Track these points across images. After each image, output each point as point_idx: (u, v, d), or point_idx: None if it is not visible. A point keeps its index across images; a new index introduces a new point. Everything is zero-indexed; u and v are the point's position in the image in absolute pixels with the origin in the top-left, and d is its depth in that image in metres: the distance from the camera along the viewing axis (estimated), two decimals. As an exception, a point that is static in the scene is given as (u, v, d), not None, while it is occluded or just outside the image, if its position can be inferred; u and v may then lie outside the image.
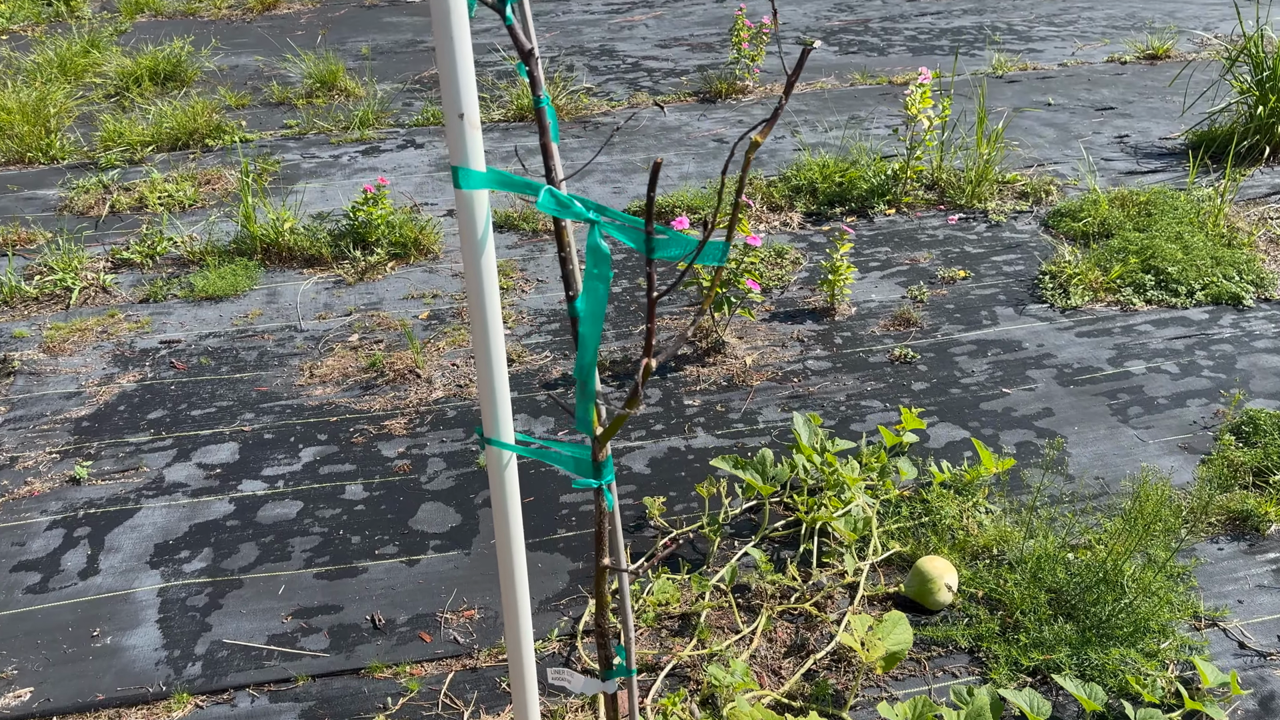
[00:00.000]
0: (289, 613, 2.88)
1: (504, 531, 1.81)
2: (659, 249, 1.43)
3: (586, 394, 1.55)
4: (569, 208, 1.41)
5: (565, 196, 1.41)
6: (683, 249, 1.45)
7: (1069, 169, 5.88)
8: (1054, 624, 2.68)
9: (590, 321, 1.48)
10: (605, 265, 1.43)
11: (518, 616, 1.83)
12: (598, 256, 1.42)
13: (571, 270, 1.50)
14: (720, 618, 2.80)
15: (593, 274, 1.44)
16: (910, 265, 4.83)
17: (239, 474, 3.48)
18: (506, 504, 1.79)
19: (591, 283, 1.45)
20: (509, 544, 1.82)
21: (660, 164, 1.31)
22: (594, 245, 1.42)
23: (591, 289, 1.46)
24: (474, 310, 1.63)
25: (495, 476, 1.77)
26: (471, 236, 1.58)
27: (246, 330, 4.43)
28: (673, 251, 1.44)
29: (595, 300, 1.46)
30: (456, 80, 1.46)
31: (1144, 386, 3.81)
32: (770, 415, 3.71)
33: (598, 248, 1.42)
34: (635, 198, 5.64)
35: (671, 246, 1.44)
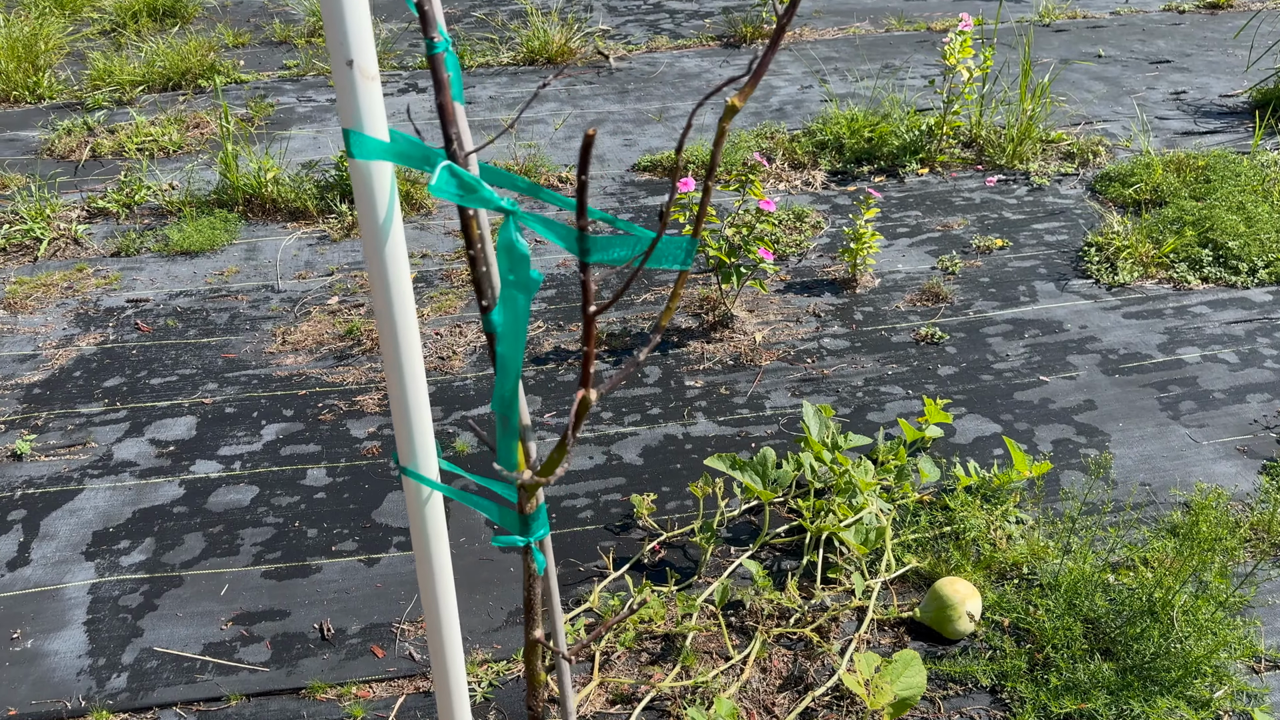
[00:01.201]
0: (230, 617, 2.59)
1: (428, 580, 1.48)
2: (596, 250, 1.07)
3: (509, 430, 1.20)
4: (474, 192, 1.05)
5: (471, 177, 1.05)
6: (629, 250, 1.10)
7: (1119, 128, 5.41)
8: (1089, 662, 2.33)
9: (510, 340, 1.13)
10: (524, 268, 1.08)
11: (449, 688, 1.50)
12: (514, 258, 1.07)
13: (484, 272, 1.14)
14: (709, 640, 2.47)
15: (509, 281, 1.09)
16: (942, 232, 4.42)
17: (193, 452, 3.18)
18: (429, 546, 1.47)
19: (509, 291, 1.10)
20: (434, 595, 1.49)
21: (593, 136, 0.95)
22: (507, 243, 1.06)
23: (509, 299, 1.11)
24: (381, 313, 1.29)
25: (415, 513, 1.45)
26: (370, 219, 1.23)
27: (220, 289, 4.12)
28: (615, 254, 1.09)
29: (515, 314, 1.11)
30: (343, 17, 1.11)
31: (1198, 378, 3.41)
32: (779, 400, 3.35)
33: (512, 247, 1.06)
34: (646, 151, 5.24)
35: (614, 247, 1.08)
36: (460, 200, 1.05)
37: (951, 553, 2.65)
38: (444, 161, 1.03)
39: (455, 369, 3.55)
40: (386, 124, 1.21)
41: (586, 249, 1.04)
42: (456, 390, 3.44)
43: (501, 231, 1.07)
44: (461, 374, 3.52)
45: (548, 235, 1.07)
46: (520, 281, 1.08)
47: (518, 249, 1.06)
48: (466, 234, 1.11)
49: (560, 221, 1.07)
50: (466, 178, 1.04)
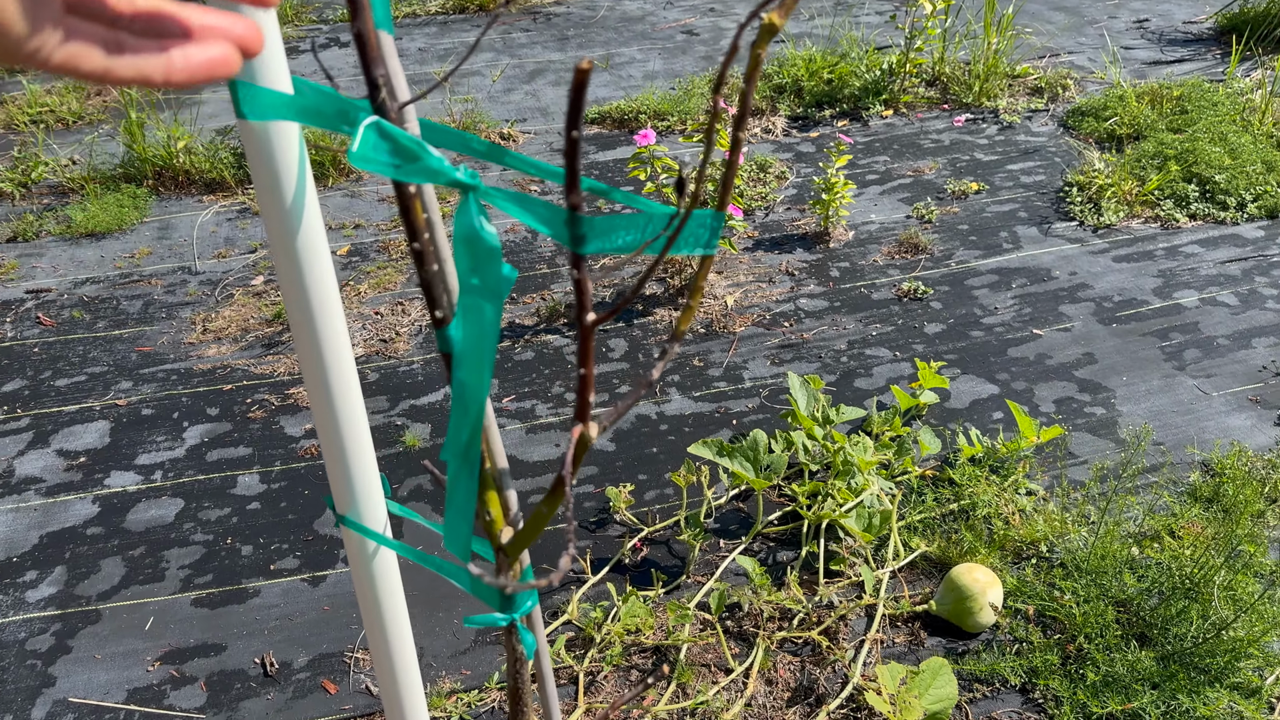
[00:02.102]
0: (157, 656, 2.26)
1: (383, 653, 1.18)
2: (595, 235, 0.76)
3: (470, 483, 0.90)
4: (416, 160, 0.73)
5: (410, 139, 0.73)
6: (638, 232, 0.79)
7: (1086, 59, 5.17)
8: (1126, 650, 2.11)
9: (474, 362, 0.83)
10: (492, 266, 0.77)
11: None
12: (478, 253, 0.76)
13: (435, 271, 0.83)
14: (705, 650, 2.21)
15: (471, 286, 0.78)
16: (914, 177, 4.15)
17: (108, 463, 2.82)
18: (380, 611, 1.17)
19: (473, 300, 0.79)
20: (391, 670, 1.19)
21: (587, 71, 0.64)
22: (468, 233, 0.75)
23: (473, 309, 0.79)
24: (296, 322, 0.98)
25: (359, 569, 1.15)
26: (274, 202, 0.92)
27: (131, 274, 3.71)
28: (620, 239, 0.78)
29: (480, 328, 0.80)
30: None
31: (1199, 323, 3.20)
32: (758, 370, 3.07)
33: (475, 237, 0.75)
34: (594, 101, 4.88)
35: (618, 229, 0.78)
36: (395, 173, 0.73)
37: (962, 534, 2.40)
38: (369, 117, 0.71)
39: (399, 352, 3.22)
40: (289, 72, 0.89)
41: (581, 235, 0.73)
42: (403, 376, 3.11)
43: (459, 216, 0.75)
44: (407, 357, 3.19)
45: (525, 218, 0.76)
46: (488, 286, 0.77)
47: (484, 240, 0.75)
48: (407, 220, 0.79)
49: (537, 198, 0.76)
50: (404, 139, 0.72)
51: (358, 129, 0.72)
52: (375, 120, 0.73)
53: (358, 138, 0.72)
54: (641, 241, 0.80)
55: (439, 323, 0.85)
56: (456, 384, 0.85)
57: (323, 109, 0.82)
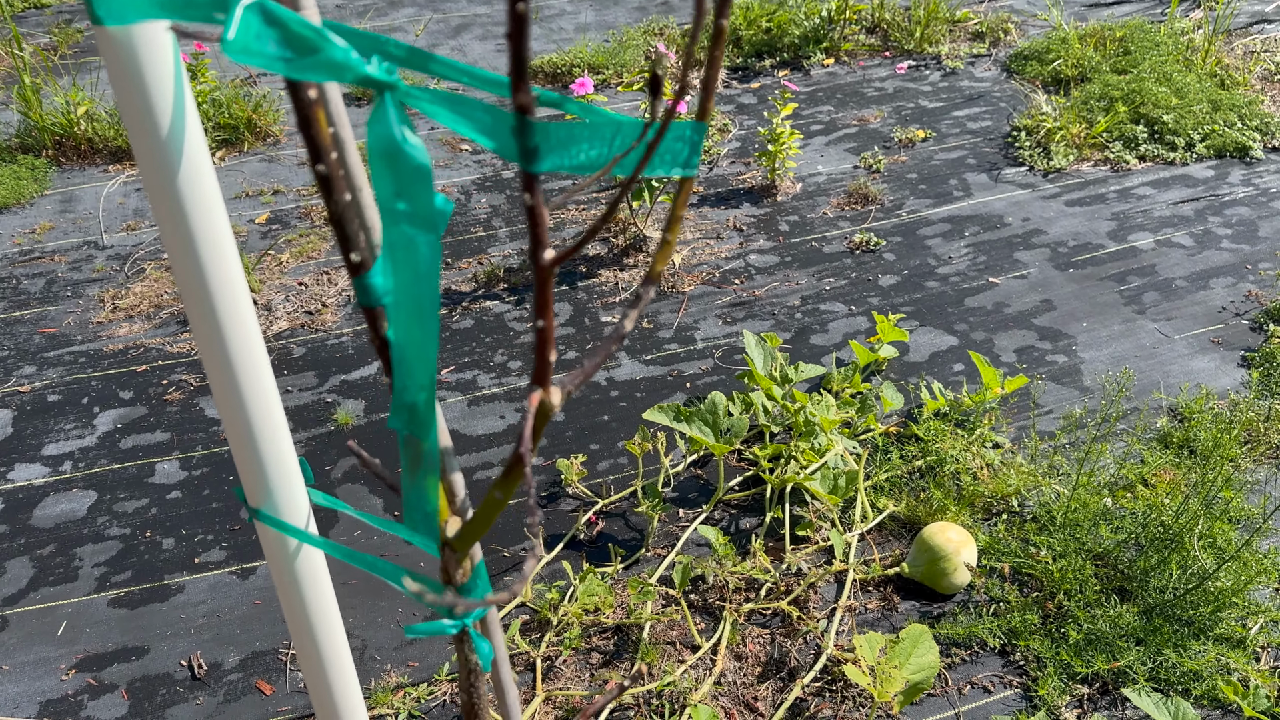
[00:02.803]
0: (72, 664, 2.06)
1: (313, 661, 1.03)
2: (551, 148, 0.60)
3: (422, 459, 0.74)
4: (315, 51, 0.57)
5: (304, 23, 0.56)
6: (604, 145, 0.63)
7: (1024, 3, 5.08)
8: (1107, 606, 2.02)
9: (409, 312, 0.66)
10: (422, 189, 0.61)
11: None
12: (402, 172, 0.60)
13: (348, 201, 0.66)
14: (670, 627, 2.07)
15: (397, 212, 0.61)
16: (859, 126, 4.03)
17: (11, 455, 2.59)
18: (306, 613, 1.01)
19: (401, 231, 0.63)
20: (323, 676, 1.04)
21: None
22: (386, 145, 0.59)
23: (401, 244, 0.63)
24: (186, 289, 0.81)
25: (280, 572, 0.99)
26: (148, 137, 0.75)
27: (32, 251, 3.44)
28: (582, 153, 0.62)
29: (412, 267, 0.64)
30: None
31: (1156, 265, 3.13)
32: (710, 330, 2.93)
33: (397, 150, 0.59)
34: (524, 57, 4.66)
35: (579, 141, 0.62)
36: (287, 68, 0.56)
37: (931, 492, 2.30)
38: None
39: (327, 324, 3.01)
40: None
41: (534, 148, 0.57)
42: (331, 350, 2.91)
43: (373, 125, 0.59)
44: (335, 329, 2.99)
45: (460, 126, 0.59)
46: (418, 212, 0.61)
47: (408, 155, 0.59)
48: (308, 136, 0.62)
49: (474, 99, 0.60)
50: (297, 25, 0.55)
51: (233, 10, 0.55)
52: (257, 1, 0.56)
53: (234, 22, 0.55)
54: (609, 158, 0.65)
55: (356, 269, 0.68)
56: (394, 344, 0.69)
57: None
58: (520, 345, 2.88)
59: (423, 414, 0.72)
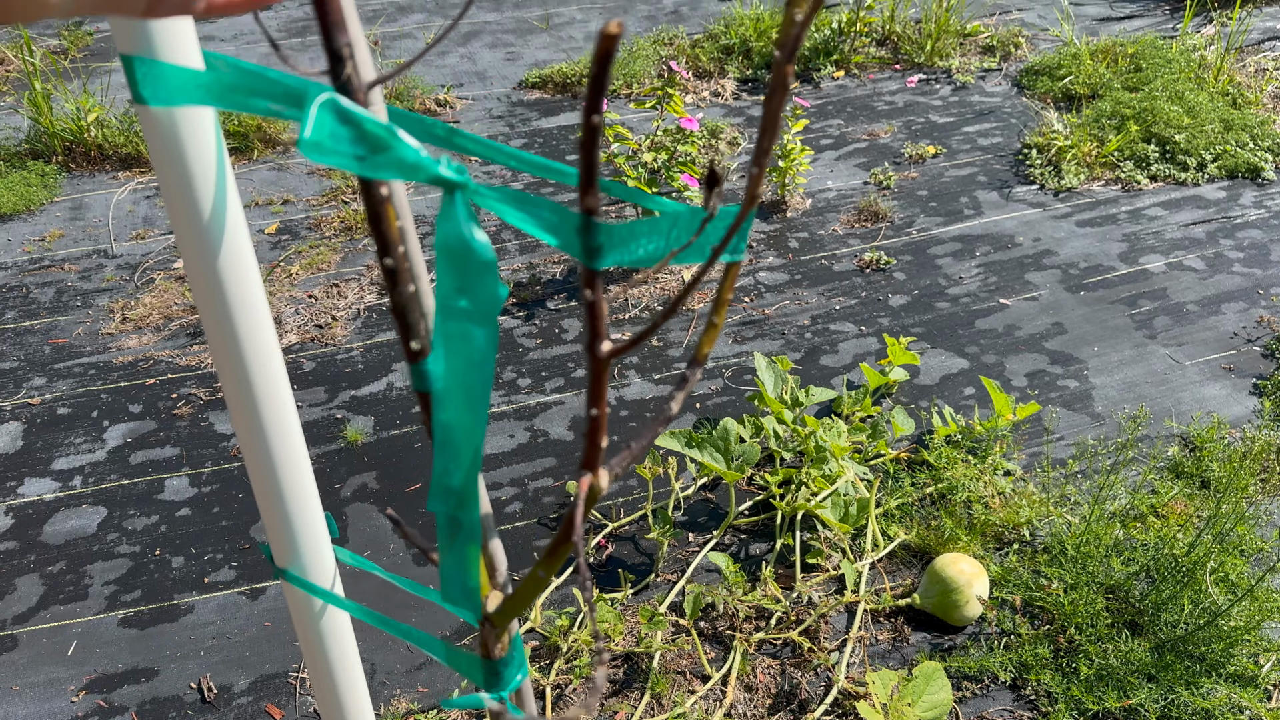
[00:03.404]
0: (82, 684, 2.06)
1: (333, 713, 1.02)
2: (613, 245, 0.60)
3: (464, 533, 0.74)
4: (387, 149, 0.56)
5: (379, 125, 0.56)
6: (662, 240, 0.63)
7: (1035, 16, 5.08)
8: (1118, 640, 2.02)
9: (459, 400, 0.66)
10: (486, 283, 0.60)
11: None
12: (467, 267, 0.59)
13: (411, 294, 0.66)
14: (679, 656, 2.07)
15: (456, 309, 0.61)
16: (869, 141, 4.03)
17: (20, 469, 2.58)
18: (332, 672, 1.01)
19: (458, 325, 0.62)
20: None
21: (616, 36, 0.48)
22: (454, 243, 0.58)
23: (458, 336, 0.63)
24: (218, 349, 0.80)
25: (305, 631, 0.98)
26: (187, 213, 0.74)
27: (42, 259, 3.43)
28: (642, 249, 0.62)
29: (468, 359, 0.64)
30: None
31: (1167, 289, 3.13)
32: (720, 349, 2.93)
33: (466, 248, 0.58)
34: (534, 65, 4.66)
35: (639, 237, 0.61)
36: (361, 167, 0.55)
37: (942, 520, 2.29)
38: (324, 94, 0.54)
39: (337, 338, 3.01)
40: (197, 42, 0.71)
41: (597, 247, 0.57)
42: (341, 365, 2.90)
43: (442, 221, 0.58)
44: (345, 344, 2.98)
45: (525, 224, 0.59)
46: (479, 308, 0.61)
47: (476, 251, 0.58)
48: (378, 230, 0.62)
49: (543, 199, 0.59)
50: (370, 125, 0.55)
51: (309, 109, 0.54)
52: (331, 99, 0.55)
53: (310, 120, 0.54)
54: (666, 250, 0.64)
55: (415, 355, 0.68)
56: (440, 427, 0.68)
57: (256, 88, 0.65)
58: (529, 362, 2.88)
59: (466, 496, 0.71)
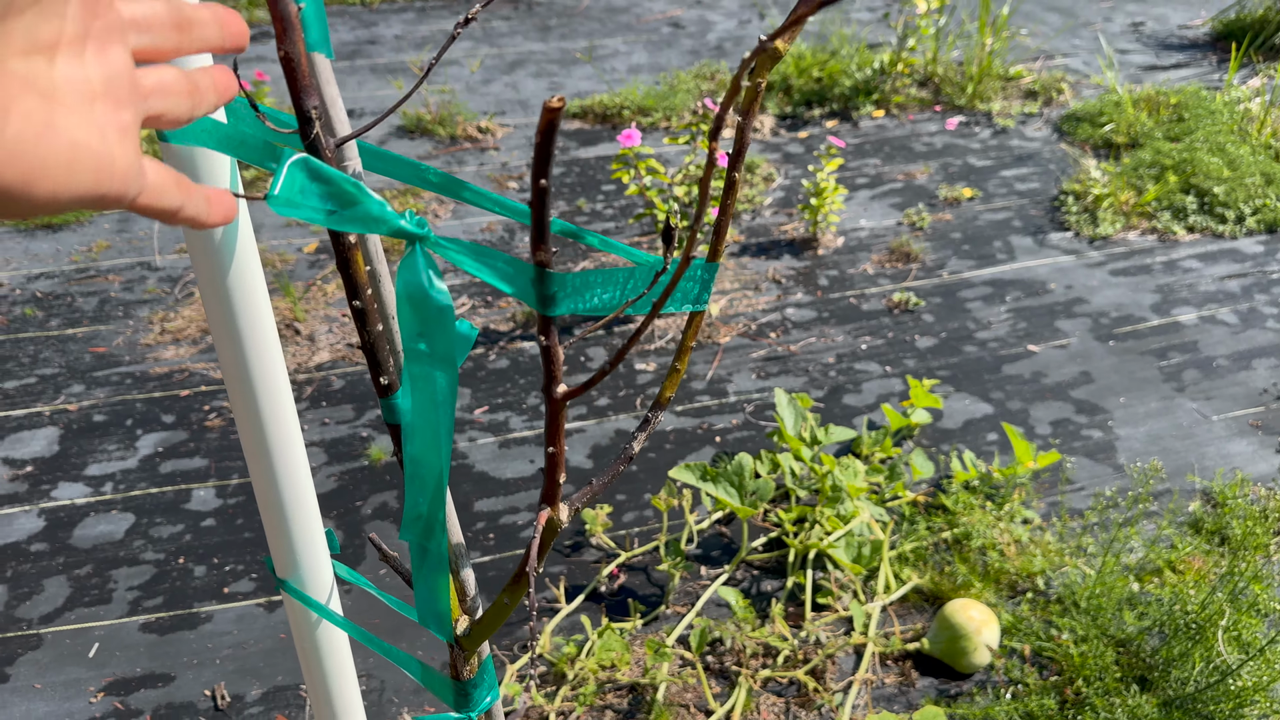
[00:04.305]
0: (100, 687, 2.12)
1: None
2: (567, 294, 0.63)
3: (432, 560, 0.77)
4: (353, 204, 0.60)
5: (345, 179, 0.60)
6: (617, 290, 0.66)
7: (1080, 63, 5.07)
8: (1126, 695, 2.00)
9: (424, 435, 0.69)
10: (444, 329, 0.64)
11: None
12: (426, 314, 0.63)
13: (379, 332, 0.70)
14: (685, 690, 2.08)
15: (417, 353, 0.65)
16: (905, 181, 4.04)
17: (55, 473, 2.66)
18: (326, 682, 1.04)
19: (422, 368, 0.66)
20: (330, 749, 1.07)
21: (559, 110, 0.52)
22: (414, 291, 0.62)
23: (421, 377, 0.66)
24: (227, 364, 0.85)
25: (302, 639, 1.02)
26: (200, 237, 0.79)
27: (88, 269, 3.54)
28: (596, 298, 0.65)
29: (430, 398, 0.67)
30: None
31: (1198, 342, 3.10)
32: (743, 384, 2.95)
33: (424, 296, 0.62)
34: (575, 95, 4.74)
35: (594, 286, 0.65)
36: (328, 220, 0.59)
37: (956, 566, 2.29)
38: (295, 154, 0.58)
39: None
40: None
41: (550, 295, 0.60)
42: (369, 384, 2.96)
43: (403, 271, 0.62)
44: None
45: (482, 274, 0.62)
46: (437, 352, 0.64)
47: (433, 299, 0.62)
48: (346, 275, 0.66)
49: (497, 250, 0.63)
50: (339, 180, 0.59)
51: (281, 167, 0.59)
52: (302, 158, 0.59)
53: (280, 179, 0.58)
54: (621, 301, 0.67)
55: (384, 390, 0.71)
56: (409, 460, 0.72)
57: (247, 142, 0.69)
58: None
59: (434, 526, 0.75)
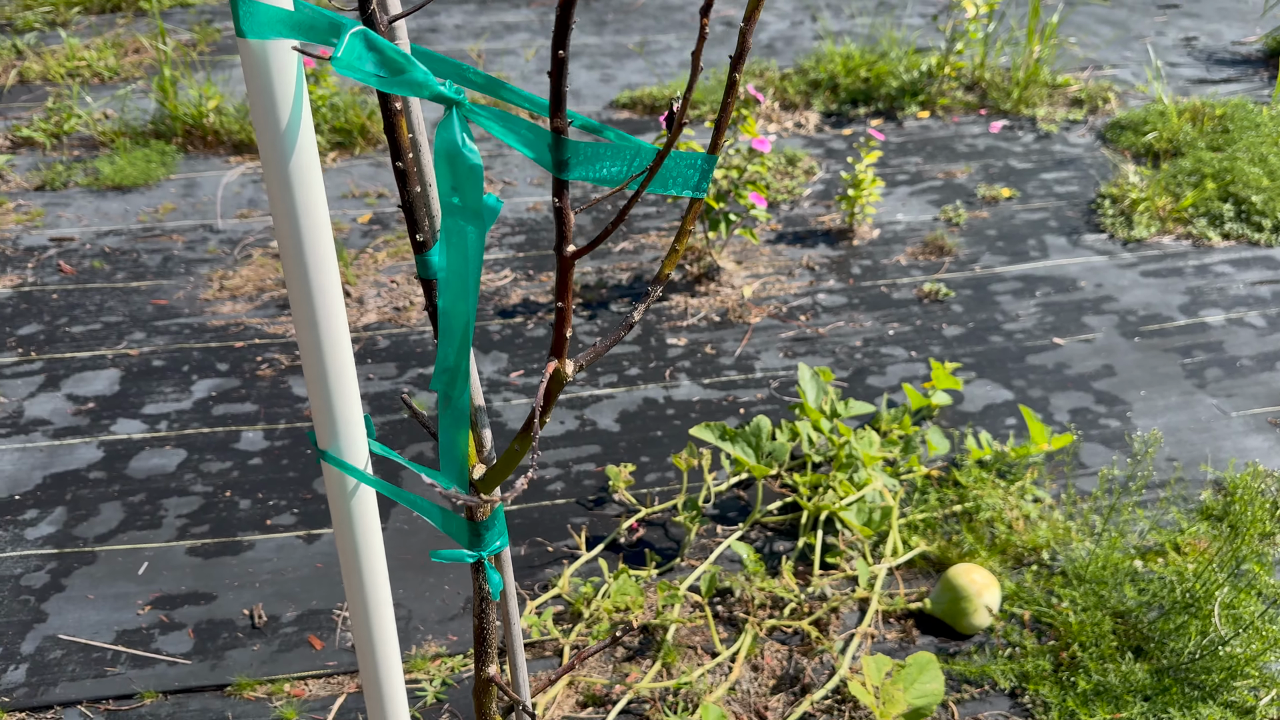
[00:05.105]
0: (148, 601, 2.27)
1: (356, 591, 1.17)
2: (579, 162, 0.74)
3: (455, 412, 0.88)
4: (401, 72, 0.72)
5: (397, 51, 0.72)
6: (624, 166, 0.77)
7: (1129, 74, 5.10)
8: (1120, 662, 2.07)
9: (456, 289, 0.81)
10: (473, 186, 0.75)
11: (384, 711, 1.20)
12: (459, 171, 0.74)
13: (419, 193, 0.81)
14: (693, 633, 2.18)
15: (452, 206, 0.76)
16: (945, 180, 4.11)
17: (115, 410, 2.83)
18: (357, 549, 1.16)
19: (454, 221, 0.77)
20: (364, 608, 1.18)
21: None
22: (449, 149, 0.73)
23: (454, 231, 0.78)
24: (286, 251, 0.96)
25: (338, 507, 1.13)
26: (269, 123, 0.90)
27: (154, 229, 3.73)
28: (605, 169, 0.76)
29: (462, 253, 0.79)
30: None
31: (1224, 342, 3.14)
32: (770, 361, 3.05)
33: (457, 154, 0.73)
34: (626, 86, 4.87)
35: (603, 159, 0.76)
36: (379, 84, 0.71)
37: (964, 535, 2.37)
38: (356, 27, 0.70)
39: (412, 321, 3.21)
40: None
41: (564, 160, 0.72)
42: (413, 345, 3.10)
43: (441, 131, 0.74)
44: (419, 326, 3.19)
45: (508, 138, 0.74)
46: (469, 206, 0.76)
47: (465, 158, 0.73)
48: (392, 138, 0.78)
49: (522, 118, 0.74)
50: (390, 51, 0.71)
51: (343, 37, 0.71)
52: (361, 30, 0.71)
53: (342, 44, 0.70)
54: (627, 175, 0.79)
55: (419, 247, 0.83)
56: (440, 311, 0.84)
57: (316, 23, 0.81)
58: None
59: (459, 376, 0.86)
